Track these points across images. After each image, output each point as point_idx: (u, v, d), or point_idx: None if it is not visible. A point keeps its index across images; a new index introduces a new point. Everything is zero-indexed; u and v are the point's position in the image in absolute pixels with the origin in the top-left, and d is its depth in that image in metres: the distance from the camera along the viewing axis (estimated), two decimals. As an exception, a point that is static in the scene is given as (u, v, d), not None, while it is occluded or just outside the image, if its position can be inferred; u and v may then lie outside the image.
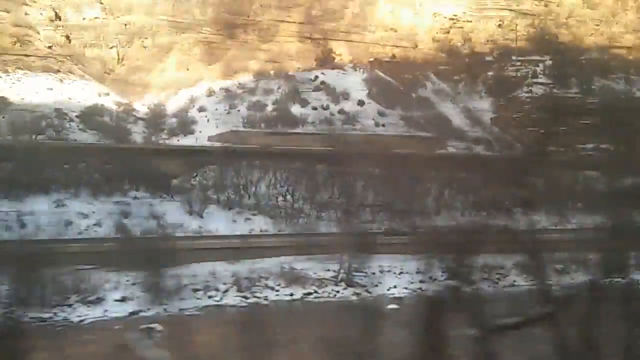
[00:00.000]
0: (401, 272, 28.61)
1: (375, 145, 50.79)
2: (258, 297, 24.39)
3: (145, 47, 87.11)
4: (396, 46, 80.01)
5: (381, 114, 59.93)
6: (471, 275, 27.56)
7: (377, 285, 27.57)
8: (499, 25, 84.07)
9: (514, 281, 30.38)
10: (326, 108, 59.94)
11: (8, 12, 78.22)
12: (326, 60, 73.21)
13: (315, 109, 59.75)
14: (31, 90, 59.90)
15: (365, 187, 42.77)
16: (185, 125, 56.72)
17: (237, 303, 23.50)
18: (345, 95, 62.95)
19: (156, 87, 75.27)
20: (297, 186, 41.44)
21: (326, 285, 26.34)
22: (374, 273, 28.28)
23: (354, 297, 25.04)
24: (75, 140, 49.49)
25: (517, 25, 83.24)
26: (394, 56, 77.26)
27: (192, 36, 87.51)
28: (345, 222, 34.43)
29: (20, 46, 70.96)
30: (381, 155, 48.79)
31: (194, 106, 63.45)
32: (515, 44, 77.56)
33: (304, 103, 60.69)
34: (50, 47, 75.36)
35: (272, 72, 70.64)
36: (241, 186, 40.60)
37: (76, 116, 56.91)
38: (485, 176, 45.60)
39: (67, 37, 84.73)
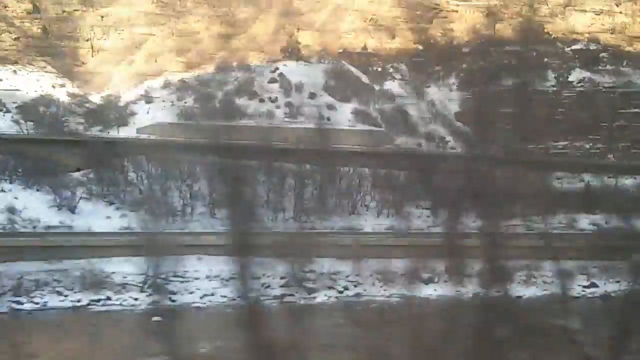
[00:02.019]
0: (231, 278, 25.39)
1: (305, 140, 47.57)
2: (34, 303, 21.85)
3: (122, 39, 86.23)
4: (372, 37, 76.39)
5: (330, 107, 56.59)
6: (312, 282, 23.69)
7: (192, 293, 24.70)
8: (487, 15, 79.24)
9: (364, 290, 26.99)
10: (274, 100, 57.13)
11: (-18, 4, 78.48)
12: (292, 52, 70.26)
13: (262, 101, 57.09)
14: (-22, 81, 59.30)
15: (270, 184, 39.89)
16: (123, 117, 54.90)
17: (-1, 310, 21.05)
18: (299, 88, 59.94)
19: (121, 78, 73.94)
20: (198, 182, 38.73)
21: (127, 291, 23.59)
22: (197, 278, 25.34)
23: (143, 306, 22.21)
24: None
25: (504, 14, 78.33)
26: (365, 47, 73.64)
27: (168, 28, 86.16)
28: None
29: (-17, 38, 70.81)
30: (304, 151, 45.70)
31: (144, 98, 61.59)
32: (497, 34, 72.61)
33: (253, 95, 58.00)
34: (17, 39, 74.99)
35: (234, 63, 68.02)
36: (135, 181, 38.24)
37: (15, 107, 55.83)
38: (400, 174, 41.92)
39: (44, 30, 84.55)
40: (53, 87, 65.78)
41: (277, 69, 65.16)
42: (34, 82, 64.37)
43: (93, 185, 37.85)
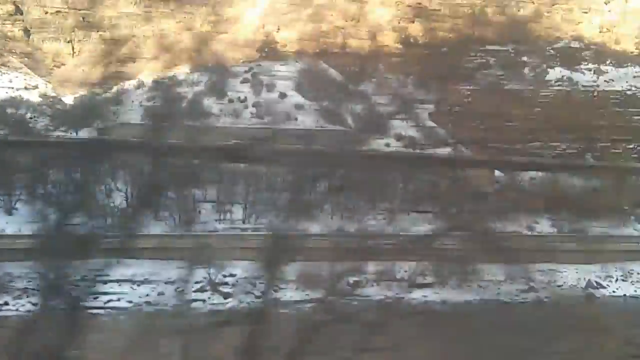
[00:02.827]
0: (143, 282, 24.65)
1: (268, 140, 46.64)
2: None
3: (103, 40, 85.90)
4: (353, 37, 75.32)
5: (299, 106, 55.67)
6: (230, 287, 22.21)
7: (97, 298, 23.72)
8: (471, 14, 78.03)
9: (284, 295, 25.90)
10: (243, 100, 56.21)
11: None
12: (269, 52, 69.42)
13: (231, 101, 56.18)
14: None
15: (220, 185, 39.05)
16: (89, 118, 54.23)
17: None
18: (270, 88, 59.08)
19: (98, 79, 73.34)
20: (137, 183, 37.74)
21: (28, 297, 22.69)
22: (107, 282, 24.35)
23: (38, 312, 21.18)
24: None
25: (487, 13, 77.11)
26: (344, 47, 72.60)
27: (149, 29, 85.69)
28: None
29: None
30: (262, 151, 44.83)
31: (115, 99, 61.03)
32: (477, 33, 71.40)
33: (223, 95, 57.17)
34: (-5, 41, 74.84)
35: (210, 64, 67.33)
36: (80, 182, 37.29)
37: None
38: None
39: (26, 31, 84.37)
40: (26, 88, 65.39)
41: (251, 68, 64.30)
42: (7, 83, 63.87)
43: (38, 187, 36.90)
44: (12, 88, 63.33)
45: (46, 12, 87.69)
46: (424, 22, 76.10)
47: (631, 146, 57.90)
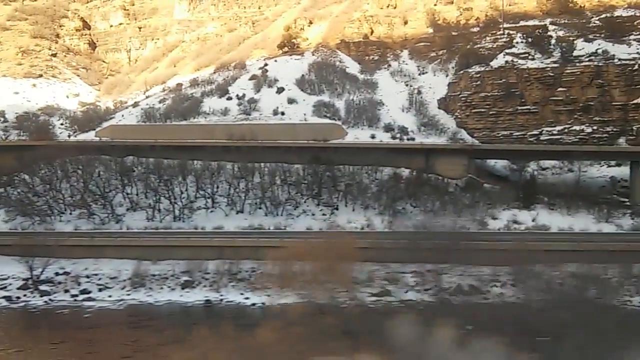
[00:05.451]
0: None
1: (235, 136, 45.96)
2: None
3: (158, 47, 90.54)
4: (382, 24, 71.48)
5: (292, 101, 53.88)
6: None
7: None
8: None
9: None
10: (241, 97, 55.70)
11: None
12: (290, 47, 68.24)
13: (230, 99, 55.98)
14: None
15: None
16: (98, 122, 57.46)
17: None
18: (272, 83, 57.98)
19: (139, 85, 77.01)
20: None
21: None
22: None
23: None
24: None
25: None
26: (366, 36, 69.11)
27: (197, 34, 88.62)
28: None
29: (22, 56, 78.04)
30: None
31: (134, 103, 63.71)
32: (517, 9, 64.15)
33: (224, 93, 57.24)
34: (54, 55, 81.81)
35: (233, 63, 67.87)
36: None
37: (15, 117, 60.63)
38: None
39: (90, 44, 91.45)
40: (67, 97, 70.72)
41: (265, 65, 63.60)
42: (50, 93, 69.51)
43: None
44: (53, 97, 68.82)
45: (111, 26, 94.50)
46: (461, 2, 70.10)
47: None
